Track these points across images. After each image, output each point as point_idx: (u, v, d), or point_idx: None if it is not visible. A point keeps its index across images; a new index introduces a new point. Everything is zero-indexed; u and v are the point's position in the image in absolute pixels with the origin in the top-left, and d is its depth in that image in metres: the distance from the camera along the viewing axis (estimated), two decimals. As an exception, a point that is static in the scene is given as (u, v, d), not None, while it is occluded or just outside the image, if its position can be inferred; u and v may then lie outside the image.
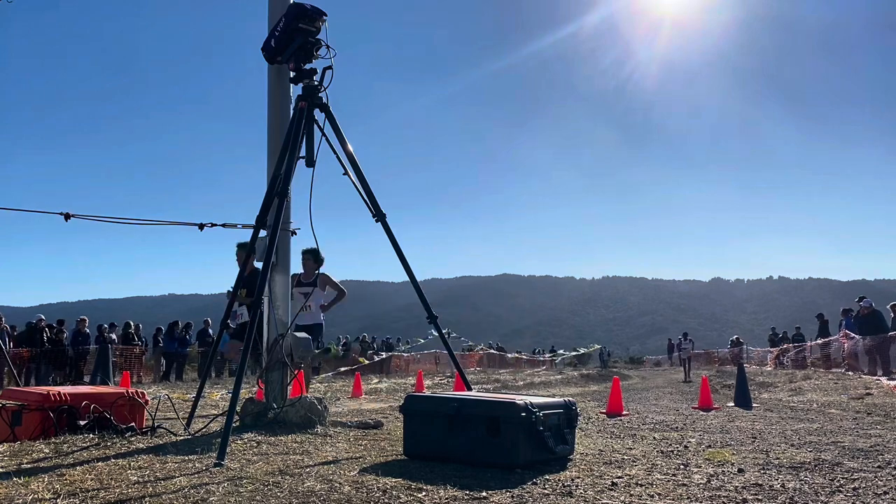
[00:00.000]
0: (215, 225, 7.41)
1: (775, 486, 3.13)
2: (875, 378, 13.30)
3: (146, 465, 3.23)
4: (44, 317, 17.60)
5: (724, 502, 2.79)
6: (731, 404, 9.03)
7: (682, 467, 3.58)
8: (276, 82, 5.18)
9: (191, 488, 2.74)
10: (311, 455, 3.63)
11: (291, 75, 5.00)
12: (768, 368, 23.75)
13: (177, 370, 18.60)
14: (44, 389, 4.61)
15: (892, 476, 3.42)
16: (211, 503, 2.53)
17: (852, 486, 3.15)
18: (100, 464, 3.23)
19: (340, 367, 18.01)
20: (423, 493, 2.74)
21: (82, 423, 4.35)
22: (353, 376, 13.30)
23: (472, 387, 5.18)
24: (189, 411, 5.23)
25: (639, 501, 2.76)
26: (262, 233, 4.89)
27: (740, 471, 3.49)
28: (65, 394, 4.48)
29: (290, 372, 4.90)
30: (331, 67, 4.77)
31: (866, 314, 16.53)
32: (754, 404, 8.98)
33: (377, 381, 15.81)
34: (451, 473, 3.16)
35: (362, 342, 27.74)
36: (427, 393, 9.05)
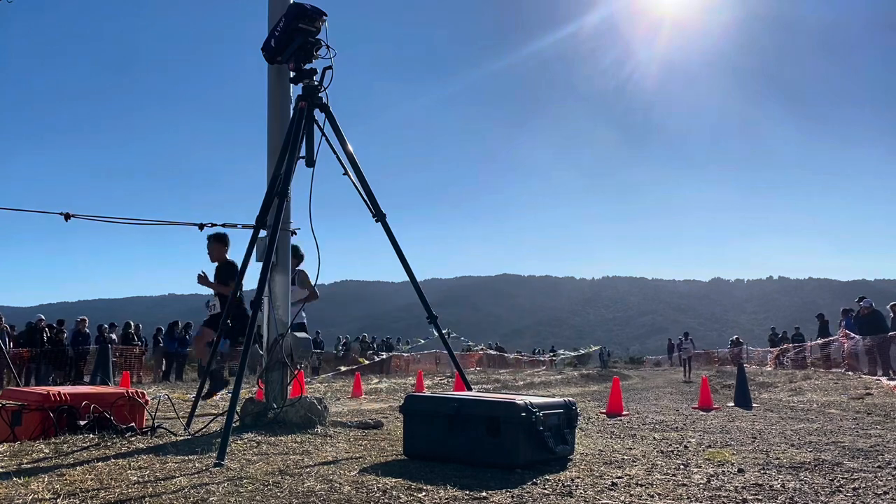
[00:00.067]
0: (215, 225, 7.38)
1: (775, 486, 3.13)
2: (875, 378, 13.31)
3: (146, 465, 3.23)
4: (44, 317, 17.60)
5: (724, 502, 2.79)
6: (731, 404, 9.03)
7: (682, 467, 3.58)
8: (276, 82, 5.18)
9: (191, 488, 2.74)
10: (311, 455, 3.63)
11: (291, 75, 5.00)
12: (768, 368, 23.75)
13: (177, 370, 18.61)
14: (44, 389, 4.61)
15: (892, 476, 3.42)
16: (211, 503, 2.53)
17: (852, 486, 3.15)
18: (100, 464, 3.23)
19: (340, 367, 18.00)
20: (423, 493, 2.74)
21: (82, 423, 4.35)
22: (353, 376, 13.31)
23: (472, 387, 5.18)
24: (189, 411, 5.23)
25: (639, 501, 2.76)
26: (262, 233, 4.88)
27: (740, 471, 3.49)
28: (65, 394, 4.48)
29: (290, 372, 4.90)
30: (331, 67, 4.77)
31: (866, 314, 16.53)
32: (754, 404, 8.98)
33: (377, 381, 15.81)
34: (451, 473, 3.16)
35: (362, 342, 27.75)
36: (427, 393, 9.05)
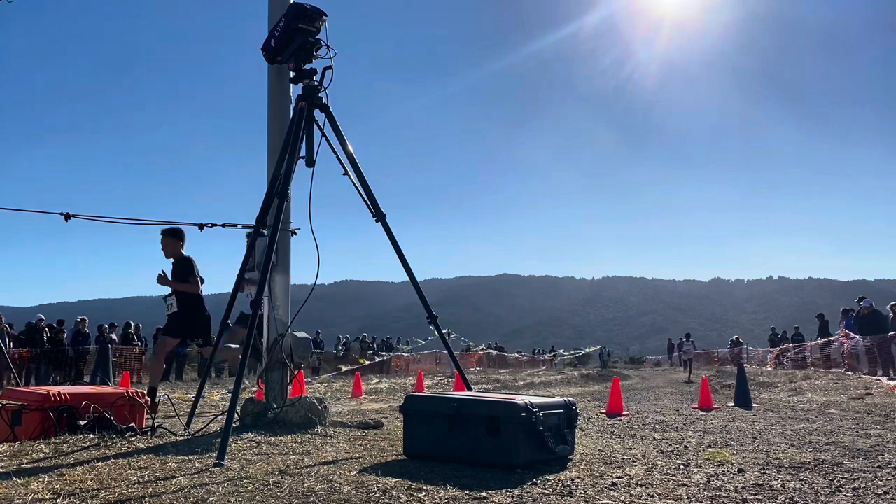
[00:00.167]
0: (215, 225, 7.41)
1: (775, 486, 3.13)
2: (875, 378, 13.30)
3: (146, 465, 3.23)
4: (44, 317, 17.60)
5: (724, 502, 2.79)
6: (731, 404, 9.03)
7: (682, 467, 3.58)
8: (276, 82, 5.18)
9: (191, 488, 2.74)
10: (311, 455, 3.63)
11: (291, 75, 5.00)
12: (768, 368, 23.75)
13: (177, 370, 18.61)
14: (44, 389, 4.61)
15: (892, 476, 3.42)
16: (211, 503, 2.53)
17: (852, 486, 3.15)
18: (100, 464, 3.23)
19: (341, 366, 18.00)
20: (423, 493, 2.74)
21: (82, 423, 4.35)
22: (353, 376, 13.31)
23: (472, 387, 5.18)
24: (189, 411, 5.23)
25: (639, 501, 2.76)
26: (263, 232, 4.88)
27: (740, 471, 3.49)
28: (65, 394, 4.48)
29: (290, 372, 4.90)
30: (331, 67, 4.77)
31: (866, 314, 16.53)
32: (754, 404, 8.98)
33: (377, 381, 15.81)
34: (451, 473, 3.16)
35: (362, 342, 27.75)
36: (427, 393, 9.05)
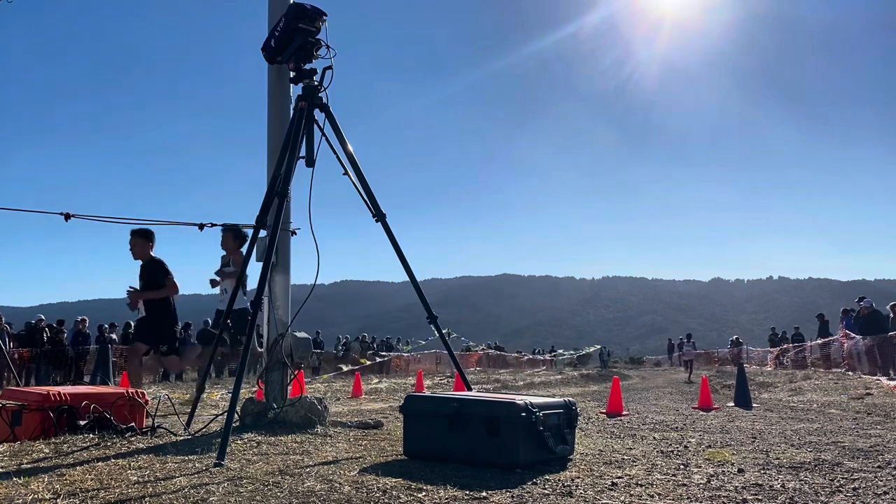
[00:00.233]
0: (215, 225, 7.40)
1: (775, 486, 3.13)
2: (875, 378, 13.31)
3: (146, 465, 3.23)
4: (44, 317, 17.61)
5: (724, 502, 2.79)
6: (731, 404, 9.03)
7: (682, 467, 3.58)
8: (276, 82, 5.18)
9: (191, 488, 2.74)
10: (311, 455, 3.63)
11: (291, 75, 5.00)
12: (768, 368, 23.75)
13: (177, 370, 18.59)
14: (44, 389, 4.61)
15: (892, 476, 3.42)
16: (211, 503, 2.53)
17: (852, 486, 3.15)
18: (100, 464, 3.23)
19: (342, 366, 18.01)
20: (423, 493, 2.74)
21: (82, 423, 4.35)
22: (353, 376, 13.31)
23: (472, 387, 5.18)
24: (189, 411, 5.23)
25: (639, 501, 2.76)
26: (262, 233, 4.88)
27: (740, 471, 3.49)
28: (65, 394, 4.48)
29: (290, 372, 4.90)
30: (331, 67, 4.77)
31: (866, 314, 16.54)
32: (754, 404, 8.98)
33: (377, 381, 15.81)
34: (451, 473, 3.16)
35: (362, 342, 27.76)
36: (427, 393, 9.05)
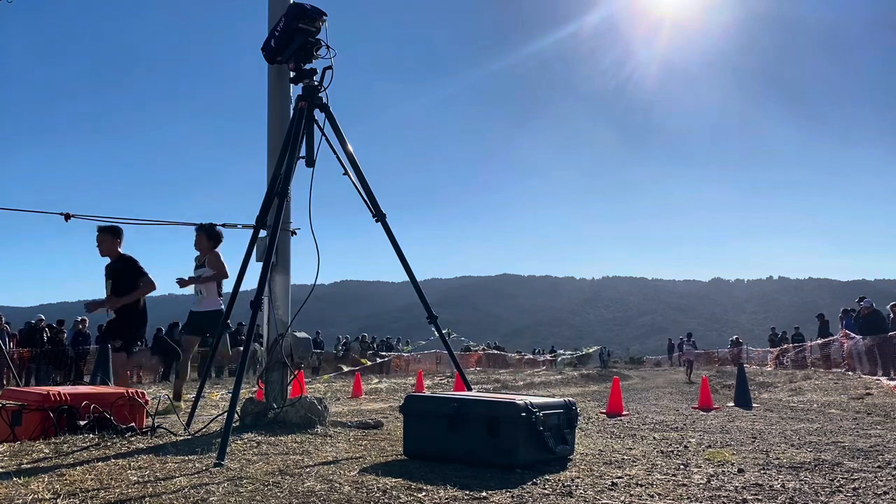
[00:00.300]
0: (215, 225, 7.38)
1: (775, 486, 3.13)
2: (875, 378, 13.31)
3: (146, 465, 3.23)
4: (44, 317, 17.60)
5: (724, 502, 2.79)
6: (731, 404, 9.03)
7: (682, 467, 3.58)
8: (276, 82, 5.18)
9: (191, 488, 2.74)
10: (311, 455, 3.63)
11: (291, 75, 5.00)
12: (768, 368, 23.74)
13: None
14: (44, 389, 4.61)
15: (892, 476, 3.42)
16: (211, 503, 2.53)
17: (852, 486, 3.15)
18: (100, 464, 3.23)
19: (342, 366, 18.01)
20: (423, 493, 2.74)
21: (82, 423, 4.35)
22: (353, 376, 13.31)
23: (472, 387, 5.18)
24: (189, 411, 5.23)
25: (639, 501, 2.76)
26: (262, 233, 4.88)
27: (740, 471, 3.49)
28: (65, 394, 4.48)
29: (290, 372, 4.90)
30: (331, 67, 4.77)
31: (867, 314, 16.54)
32: (754, 404, 8.98)
33: (377, 381, 15.81)
34: (451, 473, 3.16)
35: (362, 342, 27.75)
36: (427, 393, 9.05)
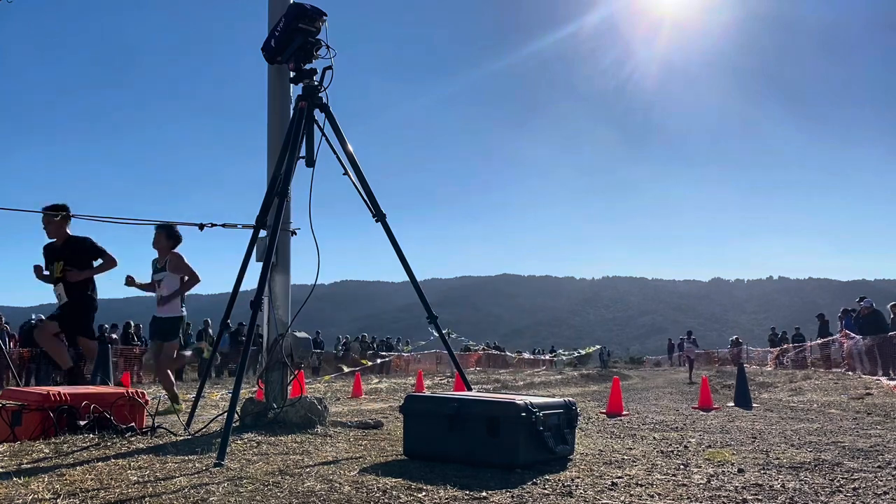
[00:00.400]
0: (215, 225, 7.41)
1: (775, 486, 3.13)
2: (875, 378, 13.31)
3: (146, 465, 3.23)
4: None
5: (724, 502, 2.79)
6: (731, 404, 9.03)
7: (682, 467, 3.58)
8: (276, 82, 5.18)
9: (191, 488, 2.74)
10: (311, 455, 3.63)
11: (291, 75, 5.00)
12: (768, 368, 23.74)
13: (177, 370, 18.61)
14: (44, 389, 4.61)
15: (892, 476, 3.42)
16: (211, 503, 2.53)
17: (852, 486, 3.15)
18: (100, 464, 3.23)
19: (343, 366, 18.01)
20: (423, 493, 2.74)
21: (82, 423, 4.35)
22: (353, 376, 13.32)
23: (472, 387, 5.18)
24: (189, 411, 5.23)
25: (639, 501, 2.76)
26: (262, 233, 4.88)
27: (740, 471, 3.49)
28: (65, 394, 4.48)
29: (290, 372, 4.90)
30: (331, 67, 4.77)
31: (867, 314, 16.54)
32: (754, 404, 8.98)
33: (377, 381, 15.81)
34: (451, 473, 3.16)
35: (362, 342, 27.76)
36: (427, 393, 9.05)
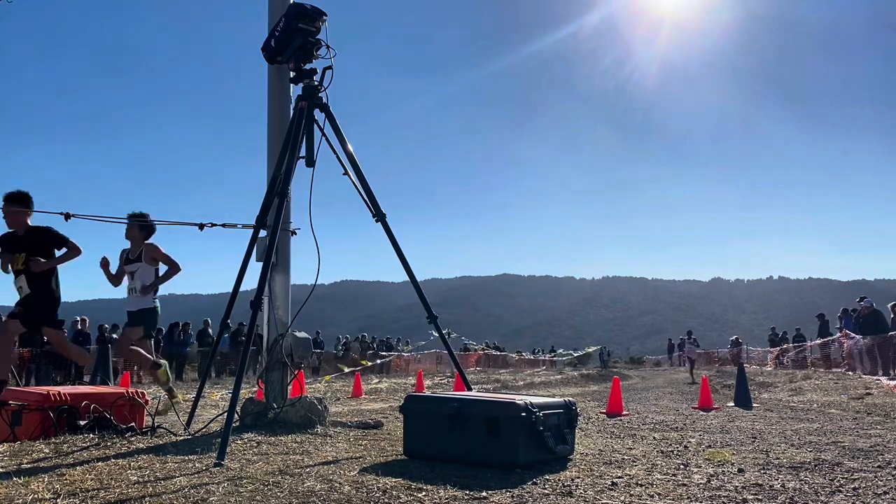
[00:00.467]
0: (215, 225, 7.40)
1: (775, 486, 3.13)
2: (875, 378, 13.30)
3: (146, 465, 3.23)
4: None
5: (724, 502, 2.79)
6: (731, 404, 9.03)
7: (682, 467, 3.58)
8: (276, 82, 5.18)
9: (191, 488, 2.74)
10: (311, 455, 3.63)
11: (291, 75, 5.00)
12: (768, 368, 23.72)
13: (177, 370, 18.61)
14: (44, 389, 4.62)
15: (892, 476, 3.42)
16: (211, 503, 2.53)
17: (852, 486, 3.15)
18: (100, 464, 3.23)
19: (343, 367, 18.02)
20: (423, 493, 2.74)
21: (82, 423, 4.35)
22: (353, 376, 13.32)
23: (472, 387, 5.18)
24: (189, 411, 5.23)
25: (639, 501, 2.76)
26: (262, 233, 4.89)
27: (740, 471, 3.49)
28: (65, 394, 4.48)
29: (291, 372, 4.90)
30: (331, 67, 4.77)
31: (867, 314, 16.53)
32: (754, 404, 8.98)
33: (377, 381, 15.81)
34: (451, 473, 3.16)
35: (362, 342, 27.76)
36: (427, 393, 9.05)
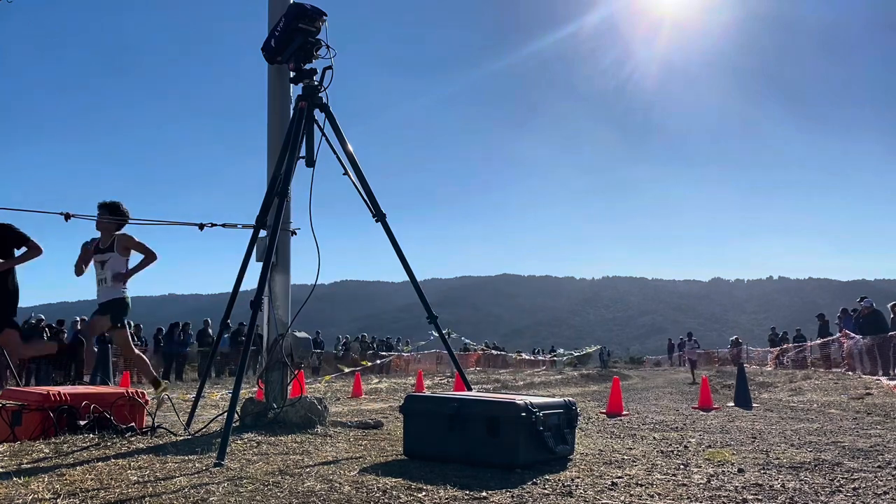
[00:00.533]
0: (215, 225, 7.41)
1: (775, 486, 3.13)
2: (875, 378, 13.30)
3: (146, 465, 3.24)
4: (44, 317, 17.58)
5: (724, 502, 2.79)
6: (731, 404, 9.04)
7: (682, 467, 3.58)
8: (276, 82, 5.18)
9: (191, 488, 2.74)
10: (311, 455, 3.64)
11: (291, 75, 5.00)
12: (768, 368, 23.72)
13: (177, 370, 18.62)
14: (44, 389, 4.61)
15: (892, 476, 3.42)
16: (211, 503, 2.53)
17: (852, 486, 3.15)
18: (100, 464, 3.23)
19: (343, 367, 18.03)
20: (423, 493, 2.74)
21: (82, 423, 4.35)
22: (353, 376, 13.32)
23: (472, 387, 5.18)
24: (189, 411, 5.23)
25: (639, 501, 2.76)
26: (263, 233, 4.88)
27: (740, 471, 3.49)
28: (65, 394, 4.48)
29: (291, 372, 4.90)
30: (331, 67, 4.77)
31: (867, 314, 16.53)
32: (754, 404, 8.99)
33: (377, 381, 15.81)
34: (451, 473, 3.16)
35: (362, 342, 27.76)
36: (427, 393, 9.05)
